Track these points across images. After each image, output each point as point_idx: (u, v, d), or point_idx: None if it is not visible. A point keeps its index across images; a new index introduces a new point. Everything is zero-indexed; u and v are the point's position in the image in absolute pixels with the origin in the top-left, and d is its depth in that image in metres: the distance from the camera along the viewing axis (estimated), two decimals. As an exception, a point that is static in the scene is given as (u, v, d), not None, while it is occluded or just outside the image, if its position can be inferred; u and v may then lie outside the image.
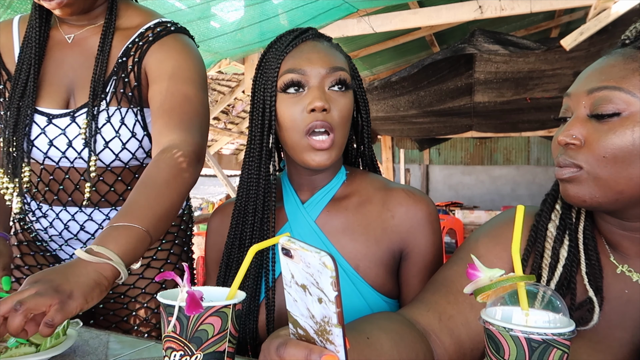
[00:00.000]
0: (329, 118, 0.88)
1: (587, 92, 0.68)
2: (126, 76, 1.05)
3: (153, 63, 1.04)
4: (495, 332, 0.54)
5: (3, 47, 1.10)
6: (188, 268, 0.63)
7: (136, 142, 1.07)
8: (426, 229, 0.95)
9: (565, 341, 0.52)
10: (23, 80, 1.04)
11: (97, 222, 1.14)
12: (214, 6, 2.89)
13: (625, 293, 0.71)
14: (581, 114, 0.68)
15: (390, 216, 0.95)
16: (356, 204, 0.97)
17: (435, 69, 4.10)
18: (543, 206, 0.80)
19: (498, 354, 0.54)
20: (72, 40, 1.09)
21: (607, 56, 0.70)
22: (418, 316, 0.78)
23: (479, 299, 0.58)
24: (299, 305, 0.49)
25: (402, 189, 0.97)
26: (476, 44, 3.47)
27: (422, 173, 12.64)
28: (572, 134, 0.68)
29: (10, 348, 0.75)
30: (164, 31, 1.07)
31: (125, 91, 1.05)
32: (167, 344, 0.60)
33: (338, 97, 0.91)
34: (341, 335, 0.45)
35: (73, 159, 1.07)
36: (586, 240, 0.74)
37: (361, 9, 3.44)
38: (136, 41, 1.06)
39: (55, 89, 1.06)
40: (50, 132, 1.05)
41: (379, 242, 0.94)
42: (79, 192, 1.10)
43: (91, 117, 1.02)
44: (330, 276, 0.44)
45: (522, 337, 0.52)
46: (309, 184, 0.99)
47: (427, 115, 5.68)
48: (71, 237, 1.15)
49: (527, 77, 4.15)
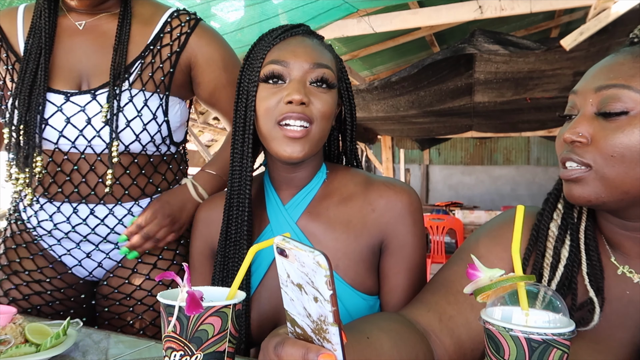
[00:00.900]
0: (307, 111, 0.87)
1: (594, 90, 0.67)
2: (160, 62, 1.11)
3: (201, 56, 1.15)
4: (495, 332, 0.54)
5: (8, 33, 1.12)
6: (188, 268, 0.63)
7: (156, 126, 1.09)
8: (406, 219, 0.93)
9: (565, 341, 0.52)
10: (33, 65, 1.05)
11: (118, 217, 1.11)
12: (214, 6, 2.89)
13: (626, 294, 0.71)
14: (588, 112, 0.68)
15: (371, 210, 0.94)
16: (337, 202, 0.95)
17: (435, 69, 4.09)
18: (545, 205, 0.79)
19: (498, 354, 0.54)
20: (83, 26, 1.11)
21: (616, 54, 0.69)
22: (418, 317, 0.78)
23: (479, 299, 0.58)
24: (296, 304, 0.49)
25: (383, 182, 0.96)
26: (476, 44, 3.47)
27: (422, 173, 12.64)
28: (579, 131, 0.67)
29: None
30: (192, 20, 1.16)
31: (155, 76, 1.10)
32: (167, 344, 0.60)
33: (319, 93, 0.89)
34: (337, 333, 0.46)
35: (91, 137, 1.06)
36: (587, 241, 0.73)
37: (361, 9, 3.44)
38: (168, 31, 1.13)
39: (67, 73, 1.08)
40: (67, 110, 1.05)
41: (359, 238, 0.93)
42: (94, 178, 1.08)
43: (113, 95, 1.05)
44: (324, 275, 0.44)
45: (522, 337, 0.52)
46: (288, 183, 0.97)
47: (427, 115, 5.68)
48: (81, 238, 1.12)
49: (527, 77, 4.14)
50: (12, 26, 1.12)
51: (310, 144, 0.88)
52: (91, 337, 0.89)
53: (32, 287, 1.13)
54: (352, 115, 1.02)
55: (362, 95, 4.78)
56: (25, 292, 1.12)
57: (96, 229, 1.11)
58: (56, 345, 0.78)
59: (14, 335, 0.77)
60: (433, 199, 12.12)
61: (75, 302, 1.17)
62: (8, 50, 1.11)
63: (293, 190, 0.97)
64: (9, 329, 0.77)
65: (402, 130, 7.18)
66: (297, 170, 0.95)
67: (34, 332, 0.79)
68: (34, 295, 1.13)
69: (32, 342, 0.78)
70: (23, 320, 0.81)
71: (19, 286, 1.12)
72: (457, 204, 8.66)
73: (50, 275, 1.14)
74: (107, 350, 0.83)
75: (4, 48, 1.11)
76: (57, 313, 1.15)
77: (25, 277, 1.13)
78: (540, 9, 3.19)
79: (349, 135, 1.03)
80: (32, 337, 0.78)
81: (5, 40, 1.12)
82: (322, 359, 0.45)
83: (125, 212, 1.12)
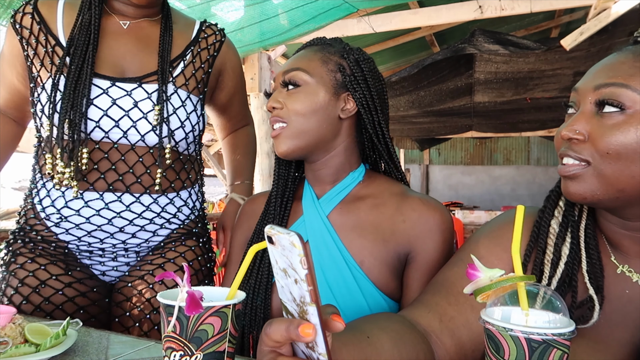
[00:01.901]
0: (281, 113, 0.98)
1: (594, 88, 0.67)
2: (200, 63, 1.23)
3: (229, 63, 1.32)
4: (495, 332, 0.53)
5: (47, 18, 1.16)
6: (188, 268, 0.63)
7: (193, 122, 1.20)
8: (436, 236, 0.95)
9: (565, 341, 0.52)
10: (80, 58, 1.09)
11: (162, 205, 1.17)
12: (214, 6, 2.89)
13: (625, 293, 0.71)
14: (587, 109, 0.68)
15: (402, 220, 0.96)
16: (370, 205, 0.99)
17: (436, 69, 4.10)
18: (547, 202, 0.80)
19: (498, 354, 0.54)
20: (127, 26, 1.19)
21: (618, 53, 0.70)
22: (419, 317, 0.78)
23: (478, 299, 0.58)
24: (285, 290, 0.50)
25: (419, 197, 0.99)
26: (476, 44, 3.47)
27: (422, 173, 12.64)
28: (576, 128, 0.68)
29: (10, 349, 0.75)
30: (222, 31, 1.31)
31: (196, 74, 1.22)
32: (167, 344, 0.60)
33: (291, 94, 0.98)
34: (316, 313, 0.46)
35: (137, 118, 1.10)
36: (587, 239, 0.74)
37: (361, 9, 3.44)
38: (203, 37, 1.26)
39: (111, 67, 1.13)
40: (113, 93, 1.10)
41: (386, 243, 0.95)
42: (141, 168, 1.13)
43: (162, 81, 1.13)
44: (298, 254, 0.45)
45: (522, 337, 0.51)
46: (317, 180, 1.04)
47: (427, 115, 5.68)
48: (113, 232, 1.12)
49: (527, 77, 4.15)
50: (51, 14, 1.16)
51: (291, 140, 0.98)
52: (91, 337, 0.89)
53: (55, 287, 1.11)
54: (371, 114, 1.01)
55: (362, 95, 4.77)
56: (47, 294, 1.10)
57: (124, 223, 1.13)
58: (56, 345, 0.78)
59: (14, 336, 0.76)
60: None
61: (98, 306, 1.16)
62: (47, 34, 1.14)
63: (326, 186, 1.04)
64: (8, 329, 0.77)
65: (402, 130, 7.19)
66: (319, 168, 1.03)
67: (34, 332, 0.79)
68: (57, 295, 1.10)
69: (31, 342, 0.77)
70: (23, 320, 0.80)
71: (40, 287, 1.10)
72: (457, 204, 8.66)
73: (77, 276, 1.14)
74: (107, 350, 0.83)
75: (42, 32, 1.14)
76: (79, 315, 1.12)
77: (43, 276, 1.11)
78: (540, 9, 3.20)
79: (373, 135, 1.01)
80: (31, 337, 0.78)
81: (44, 24, 1.15)
82: (301, 329, 0.46)
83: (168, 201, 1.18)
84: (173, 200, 1.19)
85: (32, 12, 1.15)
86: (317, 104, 0.97)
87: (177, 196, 1.20)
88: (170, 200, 1.19)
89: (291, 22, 3.25)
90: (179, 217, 1.21)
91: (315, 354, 0.48)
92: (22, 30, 1.14)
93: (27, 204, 1.18)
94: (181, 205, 1.21)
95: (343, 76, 0.99)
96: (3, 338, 0.75)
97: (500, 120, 6.09)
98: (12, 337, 0.76)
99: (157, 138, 1.12)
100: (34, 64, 1.14)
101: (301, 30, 3.38)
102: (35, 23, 1.14)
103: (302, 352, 0.51)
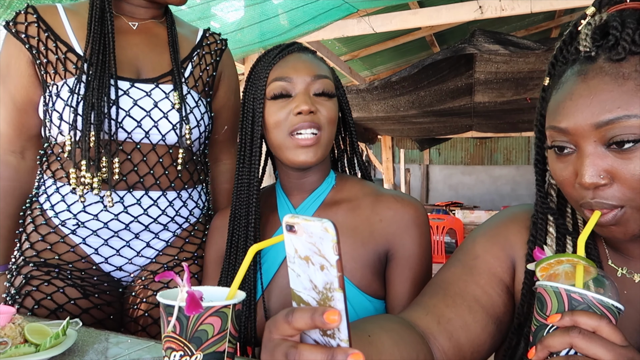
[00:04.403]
0: (316, 119, 0.94)
1: (594, 127, 0.62)
2: (206, 65, 1.26)
3: (227, 70, 1.32)
4: (542, 291, 0.58)
5: (53, 25, 1.15)
6: (188, 268, 0.63)
7: (205, 122, 1.22)
8: (412, 231, 0.96)
9: (605, 310, 0.54)
10: (100, 59, 1.10)
11: (183, 199, 1.19)
12: (214, 6, 2.89)
13: (624, 294, 0.71)
14: (594, 149, 0.63)
15: (379, 220, 0.97)
16: (345, 210, 0.99)
17: (436, 69, 4.10)
18: (534, 228, 0.78)
19: (542, 311, 0.58)
20: (136, 27, 1.22)
21: (585, 79, 0.64)
22: (417, 319, 0.78)
23: (538, 272, 0.62)
24: (302, 279, 0.50)
25: (392, 195, 1.00)
26: (476, 44, 3.47)
27: (422, 173, 12.65)
28: (599, 173, 0.62)
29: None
30: (224, 40, 1.34)
31: (203, 76, 1.25)
32: (167, 344, 0.60)
33: (324, 102, 0.96)
34: (342, 299, 0.47)
35: (158, 118, 1.12)
36: (587, 245, 0.73)
37: (361, 9, 3.44)
38: (207, 43, 1.29)
39: (128, 68, 1.15)
40: (133, 93, 1.12)
41: (366, 245, 0.96)
42: (160, 169, 1.14)
43: (178, 81, 1.16)
44: (331, 240, 0.46)
45: (564, 293, 0.56)
46: (298, 188, 1.02)
47: (427, 115, 5.68)
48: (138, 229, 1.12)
49: (527, 77, 4.15)
50: (55, 21, 1.15)
51: (321, 149, 0.95)
52: (91, 337, 0.89)
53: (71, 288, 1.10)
54: (351, 119, 1.08)
55: (362, 95, 4.78)
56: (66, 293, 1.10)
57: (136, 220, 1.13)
58: (55, 345, 0.78)
59: (13, 336, 0.76)
60: (433, 199, 12.13)
61: (112, 307, 1.15)
62: (57, 41, 1.13)
63: (304, 195, 1.03)
64: (8, 329, 0.77)
65: (402, 130, 7.19)
66: (307, 175, 1.01)
67: (34, 332, 0.79)
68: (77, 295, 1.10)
69: (31, 342, 0.77)
70: (22, 320, 0.80)
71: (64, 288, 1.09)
72: (457, 203, 8.66)
73: (94, 275, 1.13)
74: (107, 350, 0.83)
75: (51, 39, 1.13)
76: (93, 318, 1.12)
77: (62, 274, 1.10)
78: (541, 9, 3.20)
79: (349, 143, 1.09)
80: (31, 337, 0.78)
81: (51, 31, 1.14)
82: (326, 315, 0.46)
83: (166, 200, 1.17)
84: (187, 199, 1.21)
85: (37, 21, 1.13)
86: (337, 113, 1.00)
87: (189, 197, 1.22)
88: (187, 198, 1.21)
89: (291, 22, 3.25)
90: (194, 214, 1.23)
91: (334, 341, 0.48)
92: (29, 40, 1.12)
93: (33, 210, 1.15)
94: (193, 207, 1.23)
95: (335, 83, 1.02)
96: (3, 338, 0.75)
97: (500, 120, 6.09)
98: (11, 337, 0.76)
99: (176, 137, 1.14)
100: (48, 72, 1.12)
101: (301, 31, 3.38)
102: (42, 31, 1.13)
103: (315, 341, 0.50)
